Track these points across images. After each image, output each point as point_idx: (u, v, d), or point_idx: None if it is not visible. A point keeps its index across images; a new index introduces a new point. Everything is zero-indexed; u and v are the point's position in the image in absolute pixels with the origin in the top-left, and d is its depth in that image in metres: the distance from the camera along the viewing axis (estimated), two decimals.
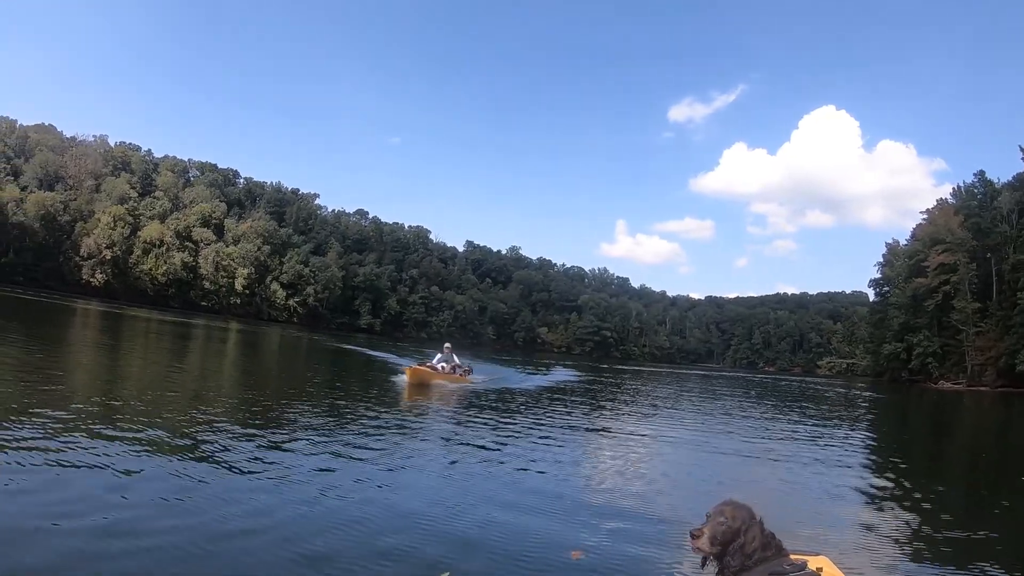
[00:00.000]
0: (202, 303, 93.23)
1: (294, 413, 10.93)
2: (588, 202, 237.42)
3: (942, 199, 77.27)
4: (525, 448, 9.62)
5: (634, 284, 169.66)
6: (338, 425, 9.76)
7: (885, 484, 9.28)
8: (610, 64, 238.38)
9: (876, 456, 13.57)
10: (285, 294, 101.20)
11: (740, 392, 35.47)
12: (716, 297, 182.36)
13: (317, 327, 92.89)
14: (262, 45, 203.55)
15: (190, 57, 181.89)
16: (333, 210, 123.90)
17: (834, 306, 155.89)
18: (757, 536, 2.61)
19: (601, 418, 15.92)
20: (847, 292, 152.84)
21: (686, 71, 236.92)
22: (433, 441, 9.54)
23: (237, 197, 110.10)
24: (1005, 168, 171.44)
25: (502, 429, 11.41)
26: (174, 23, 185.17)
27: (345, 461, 7.31)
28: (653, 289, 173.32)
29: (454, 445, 9.30)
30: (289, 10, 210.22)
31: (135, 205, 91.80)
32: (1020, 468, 12.87)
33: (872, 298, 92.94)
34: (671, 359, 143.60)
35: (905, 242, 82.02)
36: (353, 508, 5.47)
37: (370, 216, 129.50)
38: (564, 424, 13.25)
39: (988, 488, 10.14)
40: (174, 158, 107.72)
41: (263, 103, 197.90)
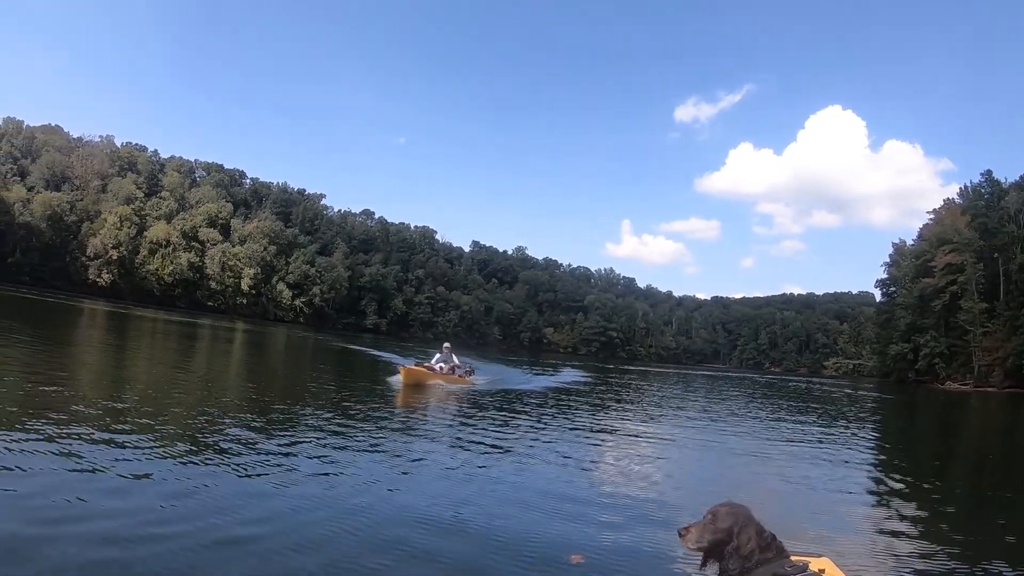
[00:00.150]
0: (208, 303, 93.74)
1: (299, 414, 10.97)
2: (592, 202, 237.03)
3: (949, 199, 76.97)
4: (529, 448, 9.63)
5: (640, 284, 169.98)
6: (343, 426, 9.78)
7: (890, 484, 9.25)
8: (613, 64, 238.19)
9: (881, 456, 13.53)
10: (291, 294, 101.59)
11: (746, 393, 35.32)
12: (722, 297, 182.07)
13: (323, 327, 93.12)
14: (262, 45, 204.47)
15: (190, 57, 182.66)
16: (339, 210, 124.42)
17: (840, 306, 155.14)
18: (753, 538, 2.56)
19: (607, 419, 15.86)
20: (853, 292, 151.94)
21: (692, 71, 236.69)
22: (437, 442, 9.55)
23: (243, 197, 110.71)
24: (1012, 168, 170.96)
25: (506, 430, 11.41)
26: (174, 23, 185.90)
27: (349, 463, 7.33)
28: (659, 289, 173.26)
29: (458, 446, 9.30)
30: (289, 10, 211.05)
31: (141, 205, 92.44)
32: None
33: (879, 298, 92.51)
34: (677, 359, 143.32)
35: (912, 242, 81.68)
36: (358, 511, 5.47)
37: (376, 216, 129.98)
38: (569, 425, 13.27)
39: (994, 489, 10.06)
40: (180, 158, 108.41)
41: (263, 103, 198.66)
